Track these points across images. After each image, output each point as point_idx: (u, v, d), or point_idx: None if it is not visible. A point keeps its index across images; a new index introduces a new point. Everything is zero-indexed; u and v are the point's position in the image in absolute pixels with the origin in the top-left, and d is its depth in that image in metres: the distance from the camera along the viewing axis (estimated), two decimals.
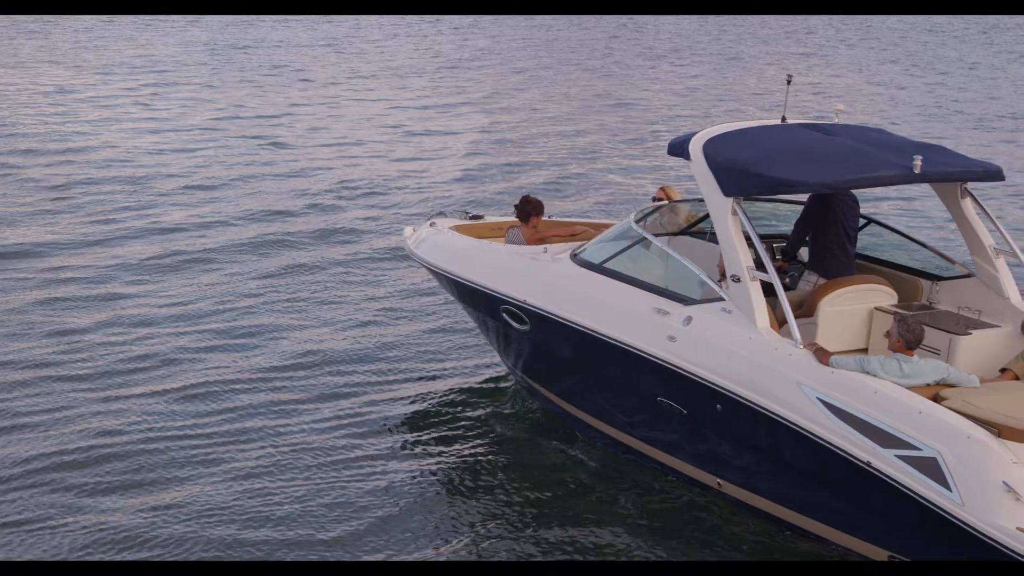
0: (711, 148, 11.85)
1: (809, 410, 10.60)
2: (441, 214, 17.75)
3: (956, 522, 9.70)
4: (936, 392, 10.39)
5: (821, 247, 12.88)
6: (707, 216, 14.03)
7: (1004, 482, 9.55)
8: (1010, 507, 9.51)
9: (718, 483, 11.63)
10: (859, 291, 12.48)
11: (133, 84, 38.30)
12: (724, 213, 11.50)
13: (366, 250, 20.44)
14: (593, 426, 12.97)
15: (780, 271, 13.53)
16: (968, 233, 12.63)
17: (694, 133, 12.28)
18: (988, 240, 12.53)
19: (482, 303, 13.76)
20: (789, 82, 13.22)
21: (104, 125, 31.10)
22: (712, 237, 13.90)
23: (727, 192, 11.49)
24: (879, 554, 10.43)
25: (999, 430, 9.83)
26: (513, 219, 14.42)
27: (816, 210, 12.91)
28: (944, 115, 37.34)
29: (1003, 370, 11.66)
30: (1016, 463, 9.63)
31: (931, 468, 9.87)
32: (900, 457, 10.05)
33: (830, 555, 10.69)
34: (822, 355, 10.74)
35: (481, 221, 15.21)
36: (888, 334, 10.79)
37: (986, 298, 12.49)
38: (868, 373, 10.50)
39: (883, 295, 12.60)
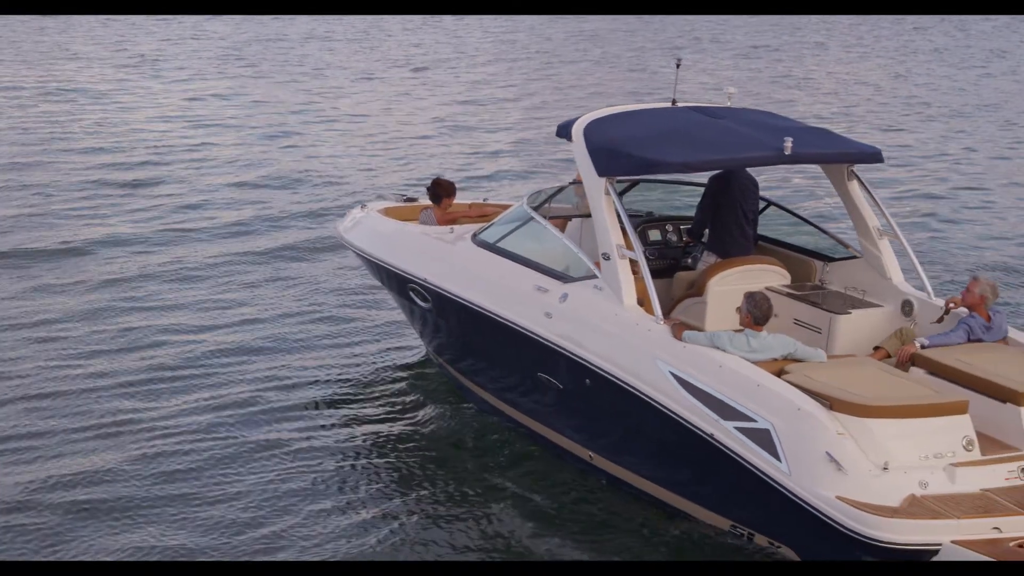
0: (591, 130, 12.18)
1: (662, 384, 10.92)
2: (381, 197, 18.15)
3: (784, 491, 9.99)
4: (781, 367, 10.67)
5: (719, 228, 13.19)
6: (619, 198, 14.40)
7: (828, 453, 9.82)
8: (832, 477, 9.78)
9: (590, 456, 11.97)
10: (749, 271, 12.76)
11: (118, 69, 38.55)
12: (598, 193, 11.82)
13: (302, 238, 20.48)
14: (488, 401, 13.35)
15: (685, 250, 13.89)
16: (855, 215, 12.87)
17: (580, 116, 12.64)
18: (873, 222, 12.76)
19: (394, 283, 14.20)
20: (678, 66, 13.51)
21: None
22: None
23: (600, 172, 11.82)
24: (723, 523, 10.73)
25: (831, 403, 10.10)
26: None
27: (715, 192, 13.22)
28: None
29: (877, 348, 11.94)
30: (842, 434, 9.90)
31: (764, 439, 10.17)
32: (738, 429, 10.35)
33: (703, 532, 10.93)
34: (677, 330, 11.05)
35: (414, 203, 15.60)
36: (739, 310, 11.09)
37: (871, 278, 12.74)
38: (718, 348, 10.80)
39: (775, 275, 12.88)
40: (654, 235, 13.94)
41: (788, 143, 11.73)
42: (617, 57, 48.06)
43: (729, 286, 12.41)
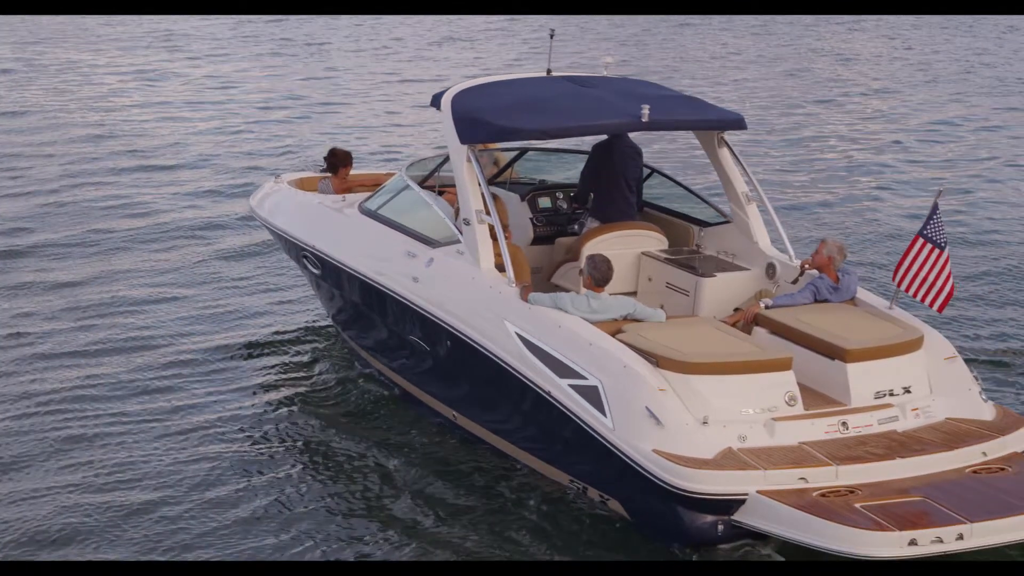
0: (458, 100, 12.53)
1: (509, 344, 11.28)
2: (302, 170, 18.51)
3: (607, 445, 10.34)
4: (619, 327, 11.01)
5: (601, 195, 13.53)
6: (508, 166, 14.78)
7: (647, 408, 10.17)
8: (650, 431, 10.13)
9: (454, 415, 12.36)
10: (624, 236, 13.11)
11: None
12: (460, 160, 12.17)
13: (218, 213, 20.54)
14: (373, 364, 13.76)
15: (571, 217, 14.23)
16: (725, 181, 13.17)
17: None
18: (742, 188, 13.06)
19: (292, 251, 14.63)
20: (552, 36, 13.82)
21: None
22: (511, 186, 14.66)
23: (462, 140, 12.17)
24: (563, 477, 11.10)
25: (657, 360, 10.44)
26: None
27: (597, 160, 13.56)
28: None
29: (737, 309, 12.26)
30: (663, 390, 10.24)
31: (593, 396, 10.52)
32: (572, 386, 10.70)
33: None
34: (524, 293, 11.40)
35: (328, 175, 15.96)
36: (580, 272, 11.44)
37: (741, 243, 13.05)
38: (560, 309, 11.14)
39: (651, 240, 13.22)
40: (544, 202, 14.28)
41: (645, 110, 12.05)
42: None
43: (605, 251, 12.71)
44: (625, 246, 13.09)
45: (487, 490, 11.41)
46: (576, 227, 14.05)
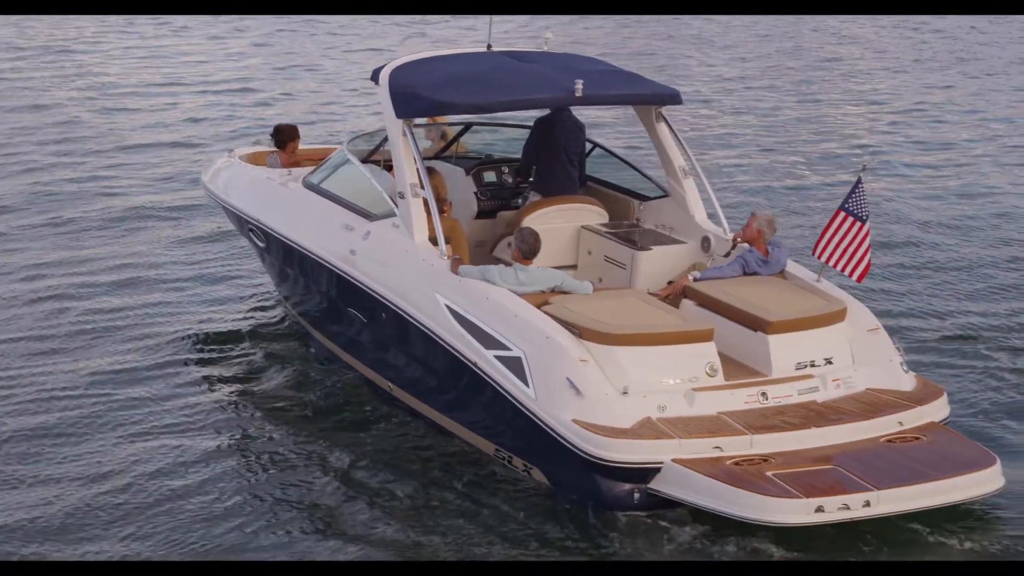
0: (395, 74, 12.64)
1: (439, 316, 11.44)
2: (258, 143, 18.59)
3: (529, 415, 10.50)
4: (546, 299, 11.15)
5: (543, 169, 13.65)
6: (454, 140, 14.90)
7: (567, 378, 10.32)
8: (570, 401, 10.29)
9: (390, 387, 12.52)
10: (563, 210, 13.25)
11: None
12: (396, 134, 12.29)
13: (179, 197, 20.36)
14: (317, 338, 13.91)
15: (515, 190, 14.36)
16: (663, 155, 13.30)
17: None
18: (680, 162, 13.18)
19: (239, 225, 14.77)
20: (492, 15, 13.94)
21: None
22: (457, 160, 14.78)
23: (398, 114, 12.28)
24: (489, 447, 11.26)
25: (580, 331, 10.59)
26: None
27: (539, 134, 13.69)
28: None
29: (670, 282, 12.40)
30: (584, 361, 10.39)
31: (516, 366, 10.68)
32: (497, 357, 10.86)
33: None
34: (455, 265, 11.55)
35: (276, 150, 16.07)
36: (509, 244, 11.58)
37: (678, 216, 13.19)
38: (489, 281, 11.29)
39: (592, 214, 13.36)
40: (489, 176, 14.38)
41: (579, 85, 12.17)
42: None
43: (545, 224, 12.87)
44: (565, 220, 13.23)
45: (419, 464, 11.49)
46: (520, 201, 14.17)
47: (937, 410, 10.76)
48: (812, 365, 10.93)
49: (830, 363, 10.98)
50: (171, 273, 16.66)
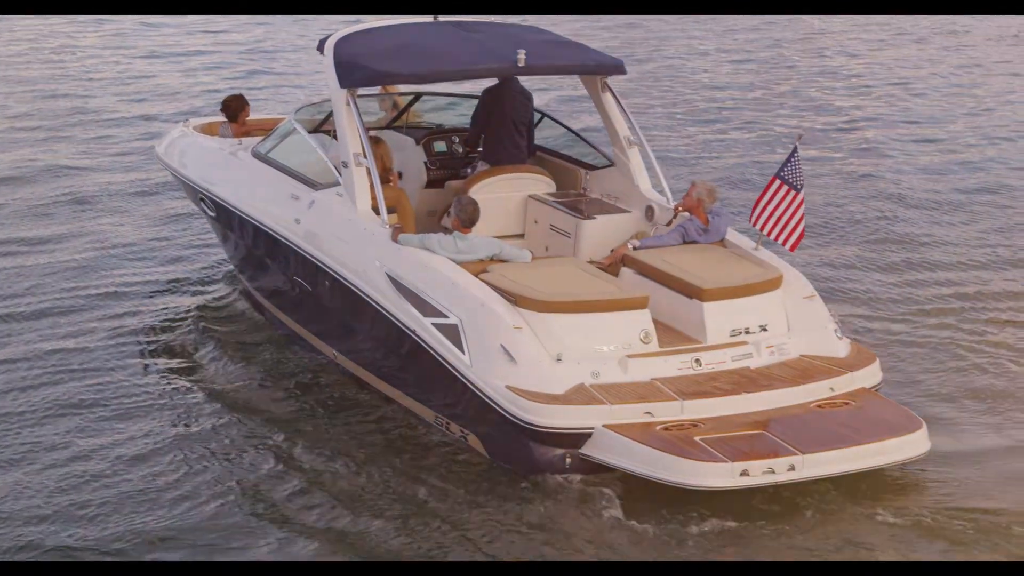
0: (340, 44, 12.68)
1: (379, 284, 11.53)
2: (213, 115, 18.60)
3: (465, 381, 10.62)
4: (485, 267, 11.24)
5: (491, 139, 13.73)
6: (405, 110, 14.97)
7: (502, 345, 10.44)
8: (504, 367, 10.40)
9: (334, 355, 12.62)
10: (510, 179, 13.34)
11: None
12: (340, 104, 12.35)
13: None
14: (263, 305, 14.00)
15: (465, 160, 14.44)
16: (608, 125, 13.38)
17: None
18: (624, 132, 13.26)
19: (191, 195, 14.84)
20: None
21: None
22: (408, 131, 14.85)
23: (342, 84, 12.33)
24: (429, 415, 11.37)
25: (515, 299, 10.70)
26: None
27: (487, 104, 13.76)
28: None
29: (613, 251, 12.49)
30: (519, 328, 10.50)
31: (453, 334, 10.78)
32: (435, 325, 10.96)
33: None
34: (395, 234, 11.63)
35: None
36: (448, 213, 11.66)
37: (623, 186, 13.28)
38: (428, 249, 11.38)
39: (539, 183, 13.46)
40: (439, 146, 14.46)
41: (521, 55, 12.24)
42: None
43: (492, 194, 12.99)
44: (512, 189, 13.33)
45: (362, 429, 11.62)
46: (469, 170, 14.24)
47: (869, 376, 10.88)
48: (747, 332, 11.05)
49: (764, 330, 11.10)
50: (129, 252, 16.45)
